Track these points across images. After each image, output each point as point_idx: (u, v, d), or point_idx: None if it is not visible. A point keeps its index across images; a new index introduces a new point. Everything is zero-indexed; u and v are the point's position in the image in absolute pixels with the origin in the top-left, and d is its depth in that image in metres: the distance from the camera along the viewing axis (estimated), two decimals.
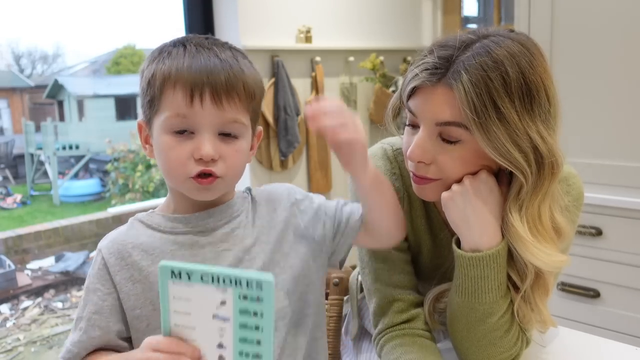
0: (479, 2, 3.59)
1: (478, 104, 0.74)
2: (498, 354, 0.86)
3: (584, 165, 1.85)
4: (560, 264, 0.81)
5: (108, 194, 8.64)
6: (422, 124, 0.81)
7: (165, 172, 0.80)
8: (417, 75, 0.79)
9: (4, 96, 10.97)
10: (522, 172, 0.77)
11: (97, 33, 14.30)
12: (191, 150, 0.75)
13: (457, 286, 0.84)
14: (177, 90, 0.74)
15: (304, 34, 2.69)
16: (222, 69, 0.76)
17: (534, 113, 0.76)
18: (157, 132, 0.77)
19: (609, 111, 1.80)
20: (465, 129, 0.77)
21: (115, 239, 0.81)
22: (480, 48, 0.77)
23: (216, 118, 0.76)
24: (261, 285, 0.62)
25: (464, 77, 0.75)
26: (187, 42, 0.79)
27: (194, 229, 0.80)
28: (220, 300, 0.64)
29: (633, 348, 0.97)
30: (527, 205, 0.79)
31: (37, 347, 3.84)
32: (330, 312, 1.11)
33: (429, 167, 0.82)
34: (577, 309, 1.92)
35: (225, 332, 0.64)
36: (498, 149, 0.76)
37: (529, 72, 0.76)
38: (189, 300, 0.65)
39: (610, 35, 1.77)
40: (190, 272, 0.64)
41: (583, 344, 1.01)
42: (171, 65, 0.76)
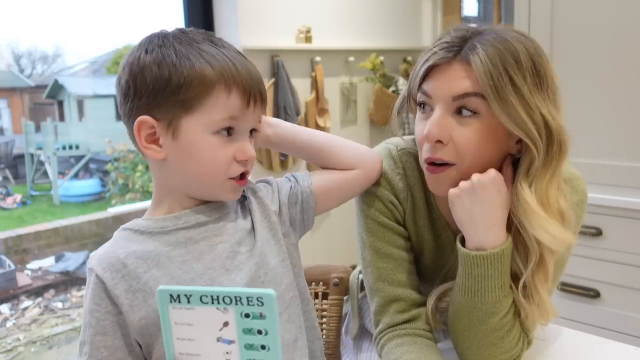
0: (479, 2, 3.59)
1: (495, 74, 0.77)
2: (499, 354, 0.86)
3: (584, 165, 1.86)
4: (568, 240, 0.81)
5: (108, 194, 8.64)
6: (438, 103, 0.82)
7: (200, 173, 0.77)
8: (435, 53, 0.82)
9: (4, 96, 10.97)
10: (535, 143, 0.79)
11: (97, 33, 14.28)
12: (234, 152, 0.77)
13: (460, 285, 0.84)
14: (232, 94, 0.75)
15: (304, 34, 2.69)
16: (259, 73, 0.79)
17: (543, 93, 0.80)
18: (195, 132, 0.75)
19: (609, 111, 1.80)
20: (483, 99, 0.79)
21: (105, 254, 0.77)
22: (491, 32, 0.82)
23: (257, 119, 0.80)
24: (262, 300, 0.60)
25: (480, 51, 0.79)
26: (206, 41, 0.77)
27: (185, 225, 0.79)
28: (223, 321, 0.62)
29: (633, 348, 0.97)
30: (536, 182, 0.81)
31: (37, 347, 3.84)
32: (330, 312, 1.11)
33: (445, 148, 0.82)
34: (577, 309, 1.92)
35: (231, 356, 0.62)
36: (514, 118, 0.78)
37: (536, 55, 0.81)
38: (191, 325, 0.63)
39: (611, 36, 1.77)
40: (189, 293, 0.62)
41: (583, 344, 1.01)
42: (219, 65, 0.75)
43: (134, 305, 0.75)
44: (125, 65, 0.76)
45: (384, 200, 0.94)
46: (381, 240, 0.94)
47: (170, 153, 0.76)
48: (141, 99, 0.74)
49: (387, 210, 0.94)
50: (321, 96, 2.81)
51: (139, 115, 0.75)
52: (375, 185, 0.94)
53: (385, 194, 0.94)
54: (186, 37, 0.77)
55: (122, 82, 0.76)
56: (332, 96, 2.90)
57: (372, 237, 0.94)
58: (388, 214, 0.94)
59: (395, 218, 0.95)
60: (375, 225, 0.94)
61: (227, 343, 0.62)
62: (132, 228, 0.80)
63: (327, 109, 2.85)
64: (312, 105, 2.79)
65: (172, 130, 0.75)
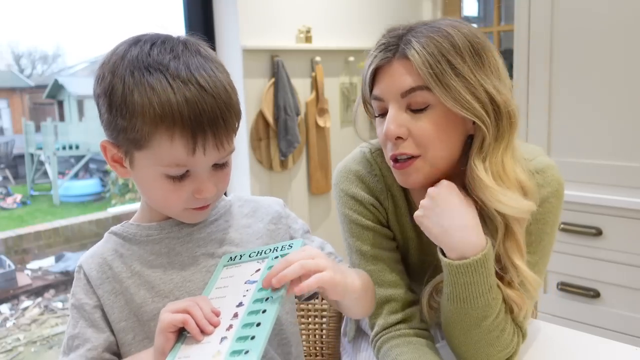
0: (479, 2, 3.59)
1: (433, 62, 0.80)
2: (496, 352, 0.86)
3: (584, 165, 1.86)
4: (526, 207, 0.83)
5: (108, 194, 8.64)
6: (389, 103, 0.85)
7: (157, 205, 0.77)
8: (375, 56, 0.85)
9: (4, 96, 10.96)
10: (483, 121, 0.81)
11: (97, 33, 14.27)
12: (191, 191, 0.73)
13: (448, 294, 0.84)
14: (175, 141, 0.68)
15: (304, 34, 2.69)
16: (218, 108, 0.69)
17: (485, 69, 0.82)
18: (146, 169, 0.72)
19: (609, 111, 1.80)
20: (428, 91, 0.81)
21: (94, 254, 0.80)
22: (424, 25, 0.85)
23: (215, 157, 0.73)
24: (292, 245, 0.74)
25: (415, 44, 0.81)
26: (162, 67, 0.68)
27: (169, 234, 0.79)
28: (256, 269, 0.73)
29: (633, 348, 0.97)
30: (490, 157, 0.83)
31: (37, 347, 3.84)
32: (330, 312, 1.11)
33: (406, 142, 0.84)
34: (577, 309, 1.92)
35: (248, 293, 0.70)
36: (459, 101, 0.80)
37: (471, 35, 0.83)
38: (232, 277, 0.74)
39: (610, 36, 1.77)
40: (243, 254, 0.77)
41: (583, 344, 1.01)
42: (162, 107, 0.67)
43: (115, 308, 0.77)
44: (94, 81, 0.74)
45: (365, 203, 0.94)
46: (367, 244, 0.94)
47: (132, 176, 0.76)
48: (102, 122, 0.74)
49: (369, 213, 0.94)
50: (321, 96, 2.81)
51: (105, 136, 0.75)
52: (355, 188, 0.95)
53: (366, 197, 0.95)
54: (143, 61, 0.69)
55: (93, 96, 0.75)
56: (332, 96, 2.90)
57: (358, 241, 0.95)
58: (370, 216, 0.95)
59: (378, 219, 0.95)
60: (358, 228, 0.94)
61: (250, 283, 0.71)
62: (120, 233, 0.81)
63: (327, 109, 2.85)
64: (312, 105, 2.79)
65: (129, 160, 0.74)
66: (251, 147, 2.59)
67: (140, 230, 0.80)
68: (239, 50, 2.47)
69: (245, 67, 2.50)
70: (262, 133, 2.61)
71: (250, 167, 2.60)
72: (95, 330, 0.76)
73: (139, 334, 0.77)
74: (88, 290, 0.78)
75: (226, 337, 0.65)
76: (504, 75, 0.85)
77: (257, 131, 2.60)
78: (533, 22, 1.91)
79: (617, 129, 1.79)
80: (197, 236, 0.80)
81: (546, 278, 1.98)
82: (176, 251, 0.79)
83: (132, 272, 0.77)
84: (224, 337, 0.65)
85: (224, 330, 0.66)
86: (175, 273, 0.78)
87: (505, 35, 3.09)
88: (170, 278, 0.77)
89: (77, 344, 0.75)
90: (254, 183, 2.63)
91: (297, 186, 2.83)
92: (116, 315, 0.77)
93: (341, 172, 0.98)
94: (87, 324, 0.76)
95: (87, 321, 0.76)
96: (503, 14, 3.14)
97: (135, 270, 0.78)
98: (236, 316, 0.67)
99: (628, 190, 1.78)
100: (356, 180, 0.96)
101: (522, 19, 1.94)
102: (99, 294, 0.77)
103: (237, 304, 0.69)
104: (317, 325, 1.12)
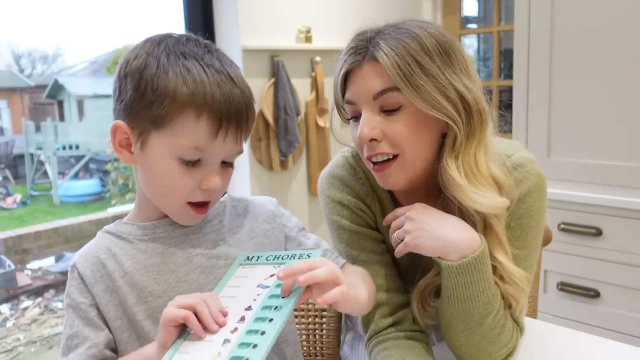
0: (479, 2, 3.59)
1: (402, 64, 0.80)
2: (498, 349, 0.86)
3: (584, 165, 1.86)
4: (499, 204, 0.83)
5: (108, 194, 8.64)
6: (362, 106, 0.85)
7: (159, 192, 0.76)
8: (345, 61, 0.86)
9: (4, 96, 10.96)
10: (454, 120, 0.81)
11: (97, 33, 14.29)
12: (198, 180, 0.74)
13: (449, 296, 0.83)
14: (201, 120, 0.70)
15: (304, 34, 2.69)
16: (244, 103, 0.74)
17: (454, 68, 0.82)
18: (160, 151, 0.73)
19: (609, 111, 1.80)
20: (399, 92, 0.81)
21: (88, 253, 0.79)
22: (391, 26, 0.86)
23: (229, 151, 0.75)
24: (310, 255, 0.73)
25: (384, 46, 0.81)
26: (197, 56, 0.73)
27: (163, 234, 0.79)
28: (271, 273, 0.73)
29: (633, 348, 0.97)
30: (462, 155, 0.83)
31: (37, 347, 3.84)
32: (330, 312, 1.11)
33: (381, 143, 0.84)
34: (577, 309, 1.92)
35: (259, 297, 0.70)
36: (429, 101, 0.80)
37: (439, 35, 0.83)
38: (246, 277, 0.74)
39: (610, 36, 1.77)
40: (260, 255, 0.77)
41: (583, 344, 1.01)
42: (195, 86, 0.70)
43: (110, 306, 0.76)
44: (118, 66, 0.76)
45: (352, 207, 0.94)
46: (356, 248, 0.94)
47: (138, 162, 0.76)
48: (122, 103, 0.74)
49: (356, 217, 0.94)
50: (321, 96, 2.81)
51: (119, 118, 0.75)
52: (340, 193, 0.95)
53: (352, 200, 0.94)
54: (179, 49, 0.73)
55: (113, 81, 0.77)
56: (332, 96, 2.89)
57: (347, 247, 0.94)
58: (358, 220, 0.94)
59: (367, 222, 0.95)
60: (347, 234, 0.94)
61: (262, 288, 0.71)
62: (114, 232, 0.81)
63: (327, 109, 2.85)
64: (312, 105, 2.79)
65: (142, 142, 0.74)
66: (251, 147, 2.59)
67: (134, 229, 0.80)
68: (239, 50, 2.47)
69: (245, 67, 2.50)
70: (262, 133, 2.61)
71: (250, 167, 2.60)
72: (92, 328, 0.76)
73: (133, 333, 0.77)
74: (83, 290, 0.77)
75: (229, 339, 0.64)
76: (473, 73, 0.85)
77: (257, 131, 2.60)
78: (533, 22, 1.91)
79: (617, 129, 1.79)
80: (191, 236, 0.80)
81: (546, 278, 1.99)
82: (170, 251, 0.78)
83: (125, 272, 0.77)
84: (227, 339, 0.65)
85: (228, 332, 0.66)
86: (169, 273, 0.77)
87: (505, 35, 3.09)
88: (164, 278, 0.77)
89: (76, 343, 0.75)
90: (254, 183, 2.63)
91: (297, 186, 2.83)
92: (112, 313, 0.76)
93: (325, 179, 0.98)
94: (84, 323, 0.76)
95: (83, 320, 0.76)
96: (503, 14, 3.14)
97: (128, 270, 0.77)
98: (243, 320, 0.67)
99: (628, 190, 1.78)
100: (341, 185, 0.96)
101: (522, 19, 1.94)
102: (94, 292, 0.76)
103: (245, 307, 0.68)
104: (317, 325, 1.12)
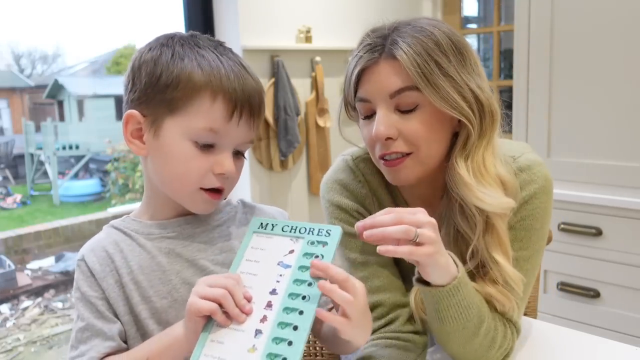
0: (479, 2, 3.59)
1: (421, 62, 0.80)
2: (495, 352, 0.87)
3: (584, 165, 1.86)
4: (505, 204, 0.83)
5: (108, 194, 8.63)
6: (377, 104, 0.84)
7: (173, 178, 0.76)
8: (360, 57, 0.85)
9: (4, 96, 10.96)
10: (470, 120, 0.82)
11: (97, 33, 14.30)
12: (212, 164, 0.74)
13: (443, 318, 0.81)
14: (217, 102, 0.72)
15: (304, 34, 2.69)
16: (256, 87, 0.76)
17: (468, 68, 0.83)
18: (174, 135, 0.74)
19: (609, 111, 1.80)
20: (417, 91, 0.81)
21: (96, 247, 0.79)
22: (406, 24, 0.85)
23: (243, 137, 0.76)
24: (330, 232, 0.71)
25: (402, 44, 0.81)
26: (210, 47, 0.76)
27: (170, 235, 0.79)
28: (290, 249, 0.71)
29: (633, 348, 0.97)
30: (472, 154, 0.83)
31: (37, 347, 3.84)
32: None
33: (397, 142, 0.84)
34: (577, 309, 1.92)
35: (282, 279, 0.68)
36: (448, 101, 0.80)
37: (451, 34, 0.84)
38: (263, 250, 0.72)
39: (610, 36, 1.77)
40: (275, 223, 0.75)
41: (583, 344, 1.01)
42: (210, 71, 0.72)
43: (119, 299, 0.76)
44: (131, 61, 0.77)
45: (350, 210, 0.95)
46: (354, 251, 0.94)
47: (150, 151, 0.76)
48: (135, 92, 0.75)
49: (354, 220, 0.94)
50: (321, 96, 2.82)
51: (130, 109, 0.76)
52: (339, 197, 0.95)
53: (350, 204, 0.95)
54: (192, 40, 0.76)
55: (125, 77, 0.78)
56: (332, 96, 2.90)
57: (346, 250, 0.95)
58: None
59: None
60: (345, 237, 0.93)
61: (284, 267, 0.69)
62: (121, 228, 0.80)
63: (327, 109, 2.85)
64: (312, 105, 2.79)
65: (155, 129, 0.75)
66: (251, 147, 2.59)
67: (141, 227, 0.80)
68: (239, 50, 2.47)
69: None
70: (262, 133, 2.61)
71: (250, 167, 2.60)
72: (105, 321, 0.75)
73: (138, 330, 0.76)
74: (92, 283, 0.76)
75: (261, 330, 0.64)
76: (483, 74, 0.86)
77: None
78: (533, 22, 1.91)
79: (617, 129, 1.79)
80: (198, 239, 0.80)
81: (546, 278, 1.99)
82: (176, 252, 0.78)
83: (130, 269, 0.77)
84: (258, 330, 0.64)
85: (258, 322, 0.65)
86: (173, 274, 0.77)
87: (505, 35, 3.09)
88: (168, 279, 0.77)
89: (88, 335, 0.74)
90: (254, 183, 2.63)
91: (297, 186, 2.83)
92: (121, 308, 0.76)
93: (326, 183, 0.99)
94: (95, 316, 0.75)
95: (94, 313, 0.75)
96: (503, 14, 3.14)
97: (133, 267, 0.77)
98: (269, 306, 0.66)
99: (628, 190, 1.78)
100: (340, 189, 0.96)
101: (522, 19, 1.94)
102: (104, 286, 0.76)
103: (270, 290, 0.67)
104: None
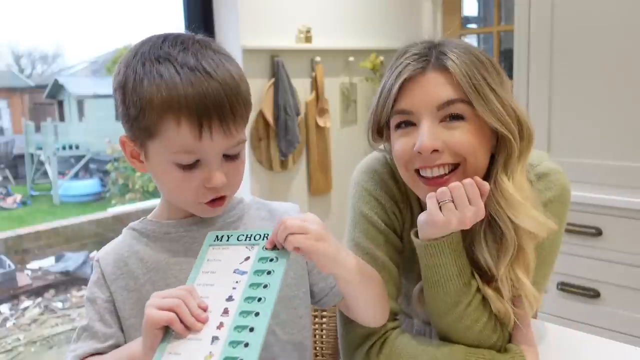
0: (479, 2, 3.59)
1: (472, 75, 0.80)
2: (472, 341, 0.86)
3: (584, 165, 1.86)
4: (550, 225, 0.83)
5: (108, 194, 8.63)
6: (422, 116, 0.82)
7: (171, 196, 0.78)
8: (406, 66, 0.83)
9: (4, 96, 10.95)
10: (514, 136, 0.82)
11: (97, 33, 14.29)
12: (201, 180, 0.74)
13: (423, 278, 0.86)
14: (182, 125, 0.70)
15: (304, 34, 2.69)
16: (224, 93, 0.71)
17: (504, 87, 0.84)
18: (158, 160, 0.74)
19: (609, 111, 1.80)
20: (465, 104, 0.81)
21: (112, 250, 0.81)
22: (447, 40, 0.86)
23: (224, 145, 0.74)
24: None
25: (452, 55, 0.81)
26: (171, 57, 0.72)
27: (186, 233, 0.80)
28: (246, 256, 0.71)
29: (633, 348, 0.97)
30: (513, 173, 0.84)
31: (37, 347, 3.84)
32: (330, 312, 1.11)
33: (443, 154, 0.82)
34: (577, 309, 1.92)
35: (238, 285, 0.68)
36: (497, 115, 0.81)
37: (487, 55, 0.85)
38: (219, 261, 0.72)
39: (611, 36, 1.77)
40: (231, 234, 0.74)
41: (583, 344, 1.01)
42: (168, 92, 0.69)
43: (126, 303, 0.78)
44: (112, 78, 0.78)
45: (387, 208, 0.94)
46: (373, 243, 0.93)
47: (148, 170, 0.78)
48: (120, 117, 0.76)
49: (387, 218, 0.94)
50: (321, 96, 2.81)
51: (123, 132, 0.77)
52: (379, 191, 0.94)
53: (389, 202, 0.94)
54: (154, 53, 0.73)
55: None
56: (332, 96, 2.90)
57: (366, 240, 0.93)
58: (388, 222, 0.94)
59: (394, 227, 0.95)
60: (374, 230, 0.93)
61: (240, 274, 0.69)
62: (139, 229, 0.82)
63: (327, 109, 2.85)
64: (312, 105, 2.79)
65: (144, 152, 0.76)
66: (251, 147, 2.59)
67: (158, 227, 0.81)
68: (239, 50, 2.47)
69: (245, 67, 2.49)
70: (262, 133, 2.61)
71: (250, 167, 2.60)
72: (103, 324, 0.77)
73: None
74: (101, 285, 0.79)
75: (217, 337, 0.64)
76: (513, 94, 0.86)
77: (257, 131, 2.60)
78: (533, 22, 1.91)
79: (617, 129, 1.79)
80: None
81: None
82: (193, 250, 0.78)
83: (148, 269, 0.79)
84: (215, 337, 0.64)
85: (215, 329, 0.65)
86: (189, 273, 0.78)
87: (505, 35, 3.09)
88: (185, 277, 0.77)
89: (85, 335, 0.77)
90: (254, 183, 2.63)
91: (297, 186, 2.83)
92: (127, 311, 0.78)
93: (365, 172, 0.96)
94: (97, 317, 0.78)
95: (97, 314, 0.78)
96: (503, 14, 3.14)
97: (151, 267, 0.79)
98: (226, 312, 0.66)
99: (628, 190, 1.78)
100: (381, 183, 0.95)
101: (522, 19, 1.94)
102: (112, 289, 0.78)
103: (226, 298, 0.67)
104: (317, 325, 1.12)
